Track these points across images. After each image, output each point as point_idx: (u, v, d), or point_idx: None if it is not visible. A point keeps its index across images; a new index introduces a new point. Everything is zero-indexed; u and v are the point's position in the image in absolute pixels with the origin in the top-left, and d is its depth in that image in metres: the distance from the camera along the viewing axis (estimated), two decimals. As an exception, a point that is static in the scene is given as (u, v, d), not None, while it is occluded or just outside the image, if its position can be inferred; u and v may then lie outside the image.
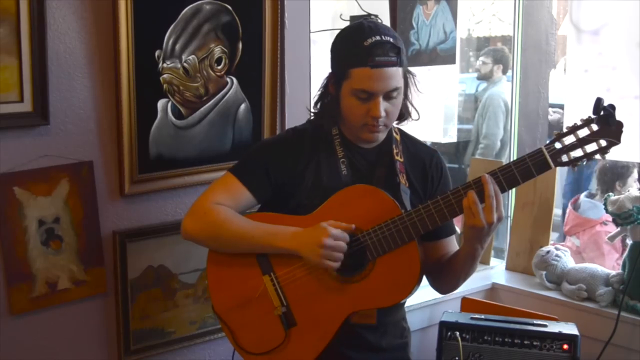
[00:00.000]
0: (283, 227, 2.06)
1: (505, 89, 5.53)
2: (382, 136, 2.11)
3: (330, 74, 2.12)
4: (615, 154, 1.97)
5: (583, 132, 1.93)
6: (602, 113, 1.91)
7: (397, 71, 2.01)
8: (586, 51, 3.33)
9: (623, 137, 1.93)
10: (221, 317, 2.15)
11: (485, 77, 6.09)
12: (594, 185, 3.98)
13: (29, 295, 2.28)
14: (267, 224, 2.08)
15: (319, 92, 2.17)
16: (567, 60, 3.46)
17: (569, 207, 3.77)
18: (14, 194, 2.22)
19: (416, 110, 2.15)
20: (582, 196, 3.87)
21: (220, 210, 2.09)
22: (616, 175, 3.85)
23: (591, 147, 1.92)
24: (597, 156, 1.93)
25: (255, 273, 2.11)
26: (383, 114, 2.01)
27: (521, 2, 3.77)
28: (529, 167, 1.93)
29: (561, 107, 3.59)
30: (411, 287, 2.03)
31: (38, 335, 2.33)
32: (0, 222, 2.21)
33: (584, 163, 1.95)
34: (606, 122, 1.91)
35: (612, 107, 1.91)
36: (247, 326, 2.13)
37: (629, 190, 3.09)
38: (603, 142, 1.92)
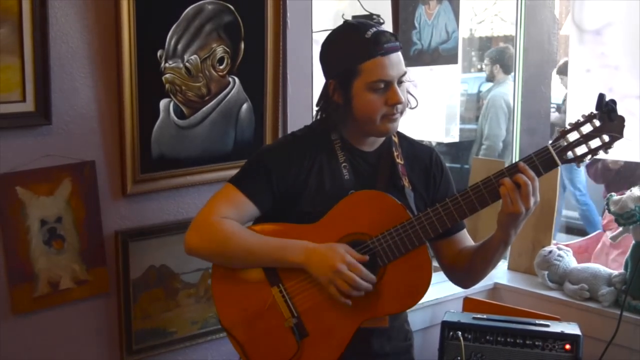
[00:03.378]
0: (293, 241, 2.02)
1: (508, 90, 5.54)
2: (397, 125, 2.09)
3: (330, 82, 2.07)
4: (617, 154, 1.98)
5: (586, 129, 1.93)
6: (604, 109, 1.92)
7: (401, 56, 2.04)
8: (588, 51, 3.33)
9: (624, 137, 1.94)
10: (230, 332, 2.10)
11: (491, 79, 6.10)
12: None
13: (31, 295, 2.28)
14: (276, 238, 2.04)
15: (322, 104, 2.12)
16: (569, 60, 3.46)
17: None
18: (16, 194, 2.23)
19: (414, 98, 2.14)
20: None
21: (225, 224, 2.04)
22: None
23: (595, 143, 1.93)
24: (601, 152, 1.94)
25: (263, 285, 2.07)
26: (403, 98, 2.03)
27: (523, 2, 3.76)
28: (537, 166, 1.94)
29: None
30: (423, 291, 2.01)
31: (40, 335, 2.33)
32: (3, 222, 2.21)
33: (589, 159, 1.96)
34: (608, 118, 1.92)
35: (613, 102, 1.92)
36: (257, 340, 2.08)
37: (631, 190, 3.08)
38: (606, 138, 1.92)
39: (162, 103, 2.46)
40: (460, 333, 2.68)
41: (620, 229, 3.02)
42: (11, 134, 2.20)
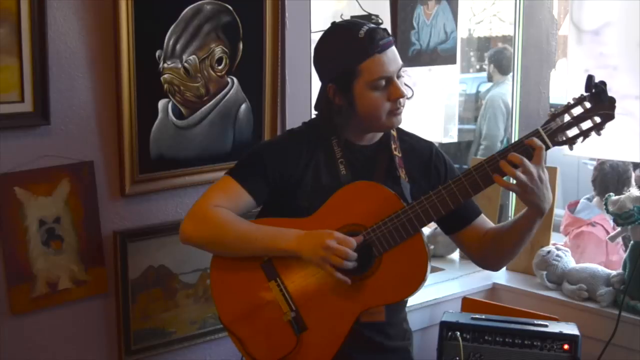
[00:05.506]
0: (286, 230, 2.04)
1: (507, 90, 5.55)
2: (402, 118, 2.10)
3: (329, 86, 2.06)
4: (616, 154, 1.97)
5: (577, 111, 1.93)
6: (593, 90, 1.92)
7: (396, 50, 2.06)
8: (587, 51, 3.33)
9: (624, 137, 1.94)
10: (229, 328, 2.11)
11: (491, 79, 6.11)
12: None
13: (30, 295, 2.28)
14: (269, 227, 2.07)
15: (324, 108, 2.10)
16: (568, 61, 3.46)
17: (566, 209, 3.76)
18: (15, 194, 2.23)
19: (410, 88, 2.14)
20: (582, 199, 3.86)
21: (220, 212, 2.06)
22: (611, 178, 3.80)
23: (586, 125, 1.93)
24: (593, 133, 1.93)
25: (261, 280, 2.08)
26: (406, 92, 2.04)
27: (522, 2, 3.76)
28: (527, 148, 1.93)
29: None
30: (420, 279, 2.01)
31: (38, 335, 2.33)
32: (1, 223, 2.21)
33: (581, 141, 1.95)
34: (599, 99, 1.92)
35: (603, 84, 1.92)
36: (256, 335, 2.09)
37: (629, 190, 3.08)
38: (597, 119, 1.92)
39: (161, 103, 2.46)
40: (458, 333, 2.68)
41: (619, 229, 3.02)
42: (9, 134, 2.20)
